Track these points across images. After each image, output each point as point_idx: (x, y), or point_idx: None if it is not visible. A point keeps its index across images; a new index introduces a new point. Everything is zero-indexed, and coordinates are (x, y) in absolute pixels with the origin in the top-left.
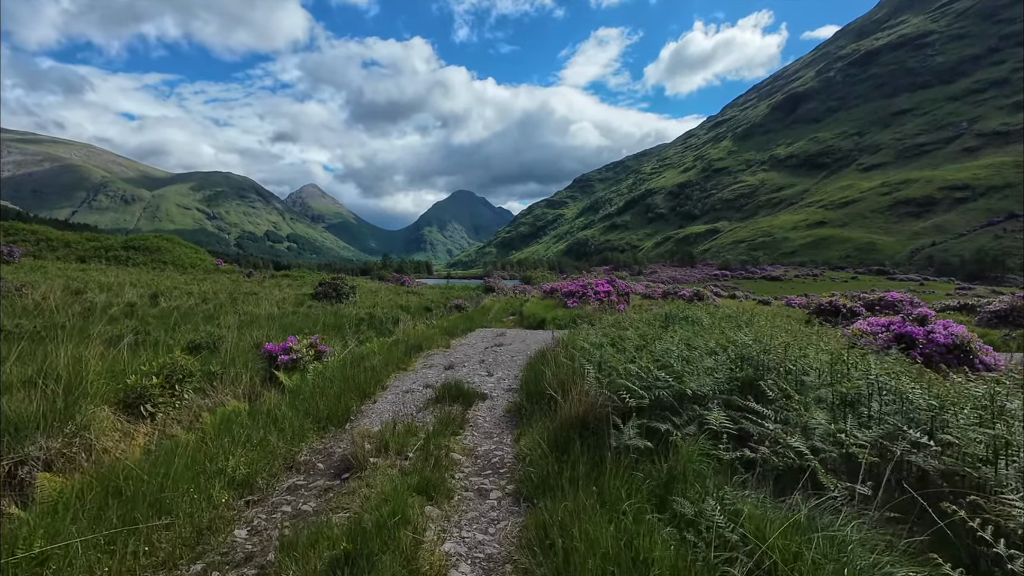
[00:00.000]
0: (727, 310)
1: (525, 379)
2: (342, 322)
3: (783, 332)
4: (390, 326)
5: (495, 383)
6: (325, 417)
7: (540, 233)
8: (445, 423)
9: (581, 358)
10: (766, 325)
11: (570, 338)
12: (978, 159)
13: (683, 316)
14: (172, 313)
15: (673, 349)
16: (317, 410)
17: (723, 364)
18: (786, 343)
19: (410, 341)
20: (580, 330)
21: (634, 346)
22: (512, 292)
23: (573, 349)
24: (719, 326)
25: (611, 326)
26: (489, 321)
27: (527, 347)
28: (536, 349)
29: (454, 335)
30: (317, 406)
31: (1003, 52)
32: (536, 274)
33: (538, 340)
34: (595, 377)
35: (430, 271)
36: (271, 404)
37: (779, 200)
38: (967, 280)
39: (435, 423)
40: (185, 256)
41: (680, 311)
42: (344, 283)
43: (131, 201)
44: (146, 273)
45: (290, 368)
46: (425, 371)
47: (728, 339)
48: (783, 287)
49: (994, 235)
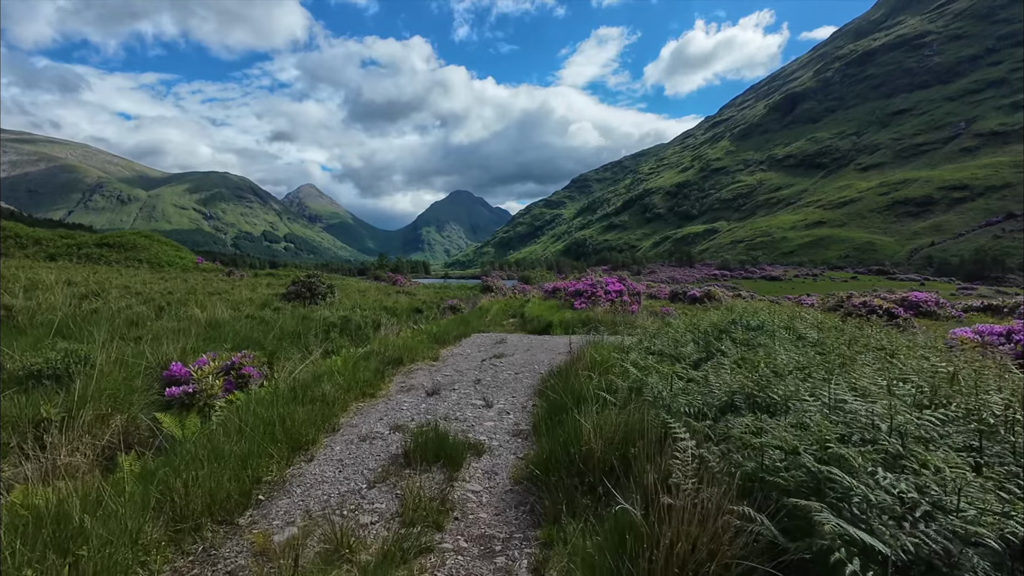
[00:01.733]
0: (775, 313)
1: (540, 417)
2: (309, 328)
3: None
4: (369, 331)
5: (495, 420)
6: (202, 509)
7: (538, 233)
8: (410, 523)
9: (659, 406)
10: (840, 334)
11: (597, 353)
12: (976, 159)
13: (750, 324)
14: (86, 318)
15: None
16: (188, 492)
17: None
18: None
19: (388, 353)
20: (601, 337)
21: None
22: (511, 292)
23: (614, 375)
24: (832, 342)
25: (651, 335)
26: (487, 325)
27: (534, 358)
28: (547, 362)
29: (445, 343)
30: (194, 482)
31: (1000, 52)
32: (535, 274)
33: (546, 349)
34: (705, 452)
35: (428, 271)
36: (113, 484)
37: (777, 200)
38: (967, 280)
39: (391, 531)
40: (163, 254)
41: (741, 315)
42: (321, 282)
43: (127, 201)
44: (114, 271)
45: (186, 405)
46: (400, 398)
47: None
48: (784, 287)
49: (993, 235)
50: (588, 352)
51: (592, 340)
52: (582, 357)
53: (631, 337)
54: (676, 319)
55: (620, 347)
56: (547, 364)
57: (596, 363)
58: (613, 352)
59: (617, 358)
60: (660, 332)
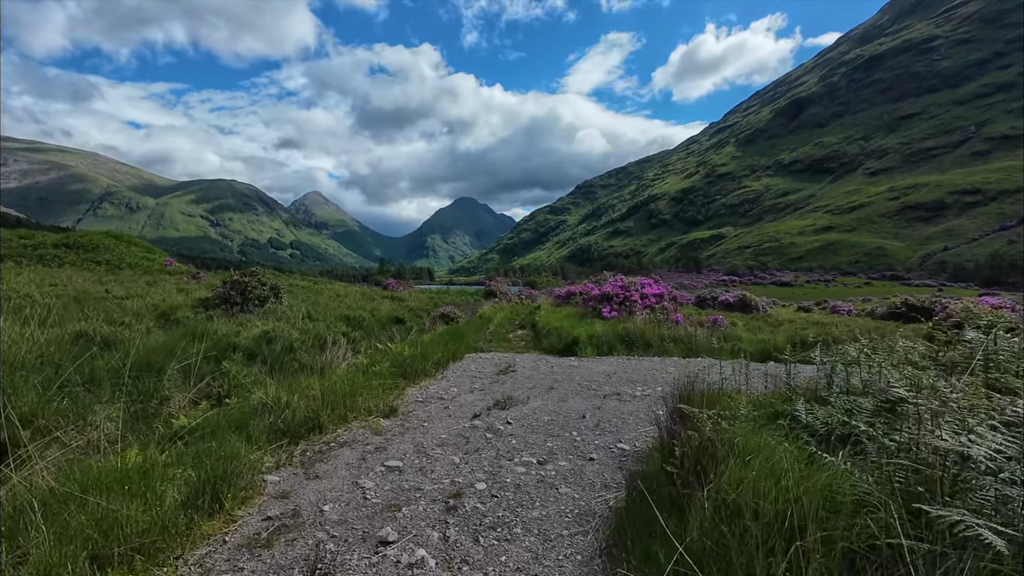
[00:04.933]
0: (840, 327)
1: None
2: (190, 354)
3: None
4: (306, 355)
5: None
6: None
7: (542, 239)
8: None
9: None
10: None
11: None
12: (988, 163)
13: None
14: None
15: None
16: None
17: None
18: None
19: (287, 414)
20: (704, 377)
21: None
22: (517, 298)
23: None
24: None
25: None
26: (488, 340)
27: (566, 412)
28: (592, 418)
29: (418, 375)
30: None
31: (1009, 56)
32: (540, 279)
33: (582, 386)
34: None
35: (432, 277)
36: None
37: (784, 205)
38: (984, 286)
39: None
40: (127, 255)
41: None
42: (260, 282)
43: (136, 209)
44: (51, 273)
45: None
46: None
47: None
48: (795, 293)
49: (1007, 240)
50: (704, 424)
51: (694, 379)
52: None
53: (725, 364)
54: (741, 331)
55: (764, 401)
56: (595, 424)
57: None
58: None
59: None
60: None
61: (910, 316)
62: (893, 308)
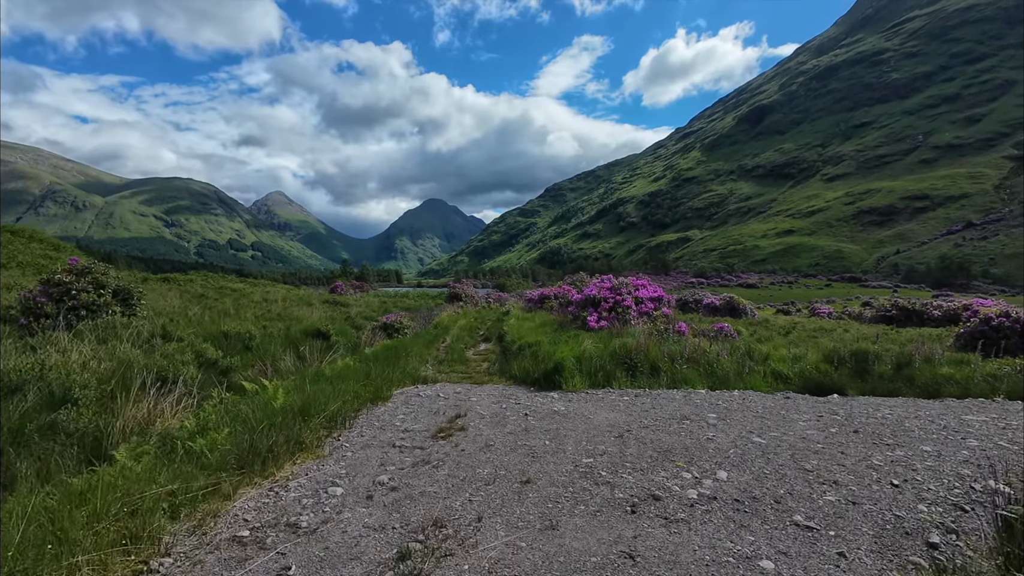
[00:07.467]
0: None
1: None
2: None
3: None
4: (90, 415)
5: None
6: None
7: (513, 242)
8: None
9: None
10: None
11: None
12: (935, 170)
13: None
14: None
15: None
16: None
17: None
18: None
19: None
20: None
21: None
22: (485, 301)
23: None
24: None
25: None
26: (440, 360)
27: None
28: None
29: (277, 456)
30: None
31: (953, 70)
32: (511, 281)
33: (591, 475)
34: None
35: (400, 280)
36: None
37: (748, 209)
38: (935, 287)
39: None
40: (23, 254)
41: None
42: (97, 283)
43: (82, 208)
44: None
45: None
46: None
47: None
48: (762, 295)
49: (954, 243)
50: None
51: None
52: None
53: None
54: (753, 342)
55: None
56: None
57: None
58: None
59: None
60: None
61: (903, 319)
62: (882, 311)
